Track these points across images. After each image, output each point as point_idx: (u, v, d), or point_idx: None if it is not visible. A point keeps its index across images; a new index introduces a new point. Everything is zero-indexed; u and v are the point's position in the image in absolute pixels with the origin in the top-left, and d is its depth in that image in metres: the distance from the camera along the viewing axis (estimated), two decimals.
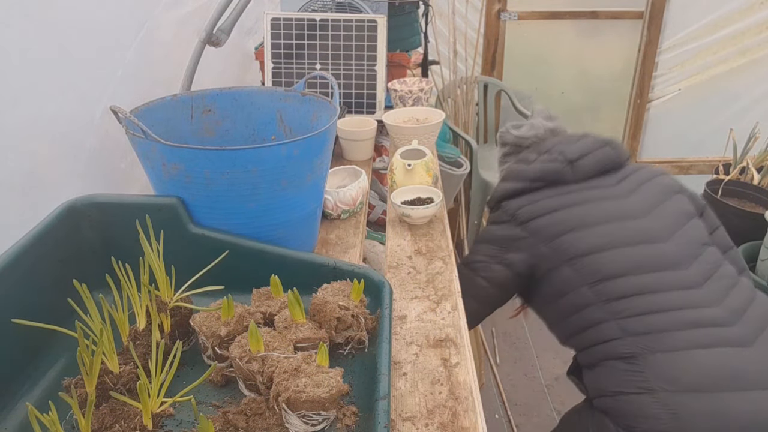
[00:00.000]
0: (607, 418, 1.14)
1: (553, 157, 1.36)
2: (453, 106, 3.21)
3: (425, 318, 0.97)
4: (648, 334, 1.10)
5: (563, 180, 1.33)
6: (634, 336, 1.11)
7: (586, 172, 1.33)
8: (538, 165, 1.37)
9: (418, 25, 2.16)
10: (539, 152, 1.41)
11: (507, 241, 1.34)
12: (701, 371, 1.04)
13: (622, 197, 1.28)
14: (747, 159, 3.04)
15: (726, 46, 3.24)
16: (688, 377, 1.04)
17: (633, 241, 1.20)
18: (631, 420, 1.08)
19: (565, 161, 1.33)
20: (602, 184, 1.32)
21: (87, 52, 1.15)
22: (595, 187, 1.31)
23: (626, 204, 1.27)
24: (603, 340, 1.16)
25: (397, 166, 1.36)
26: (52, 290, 0.83)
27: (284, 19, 1.60)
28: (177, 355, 0.72)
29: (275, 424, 0.71)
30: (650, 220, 1.23)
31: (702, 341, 1.07)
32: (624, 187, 1.31)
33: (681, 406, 1.03)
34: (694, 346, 1.07)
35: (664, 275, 1.16)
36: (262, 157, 0.87)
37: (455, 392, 0.80)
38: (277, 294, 0.89)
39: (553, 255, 1.26)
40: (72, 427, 0.70)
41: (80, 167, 1.14)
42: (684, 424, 1.02)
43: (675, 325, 1.09)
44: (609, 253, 1.20)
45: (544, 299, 1.33)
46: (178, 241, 0.91)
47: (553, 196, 1.32)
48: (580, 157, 1.34)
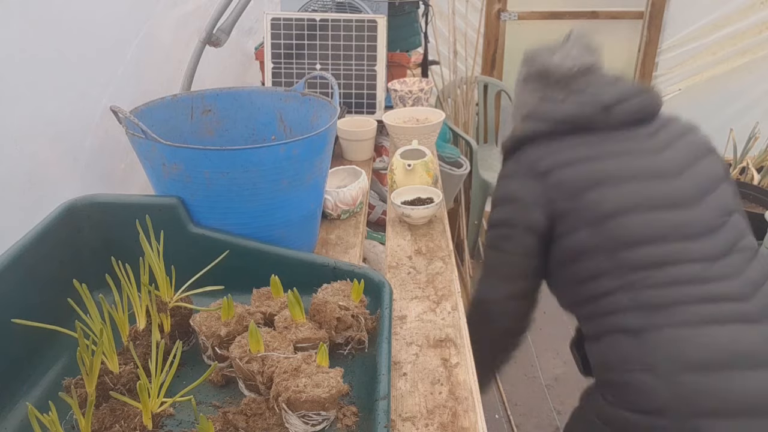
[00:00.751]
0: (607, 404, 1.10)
1: (586, 99, 1.18)
2: (453, 106, 3.22)
3: (425, 318, 0.97)
4: (660, 307, 1.04)
5: (593, 127, 1.17)
6: (646, 310, 1.05)
7: (620, 121, 1.16)
8: (569, 106, 1.19)
9: (418, 25, 2.16)
10: (570, 91, 1.22)
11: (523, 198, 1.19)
12: (709, 348, 1.00)
13: (654, 153, 1.14)
14: (747, 159, 3.05)
15: (726, 46, 3.24)
16: (694, 354, 1.00)
17: (661, 204, 1.09)
18: (631, 396, 1.05)
19: (599, 106, 1.16)
20: (634, 135, 1.17)
21: (87, 52, 1.15)
22: (626, 139, 1.16)
23: (658, 161, 1.13)
24: (612, 311, 1.09)
25: (397, 166, 1.36)
26: (52, 290, 0.83)
27: (284, 19, 1.60)
28: (177, 355, 0.72)
29: (275, 424, 0.71)
30: (681, 182, 1.12)
31: (714, 316, 1.01)
32: (656, 142, 1.16)
33: (683, 385, 0.99)
34: (705, 321, 1.01)
35: (688, 246, 1.07)
36: (262, 157, 0.87)
37: (455, 392, 0.80)
38: (277, 294, 0.89)
39: (573, 214, 1.13)
40: (72, 427, 0.70)
41: (80, 167, 1.14)
42: (685, 403, 0.99)
43: (689, 298, 1.03)
44: (634, 217, 1.09)
45: (553, 263, 1.20)
46: (178, 241, 0.90)
47: (579, 145, 1.16)
48: (617, 103, 1.16)
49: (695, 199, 1.11)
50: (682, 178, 1.12)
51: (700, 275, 1.04)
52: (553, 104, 1.22)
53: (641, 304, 1.05)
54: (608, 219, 1.09)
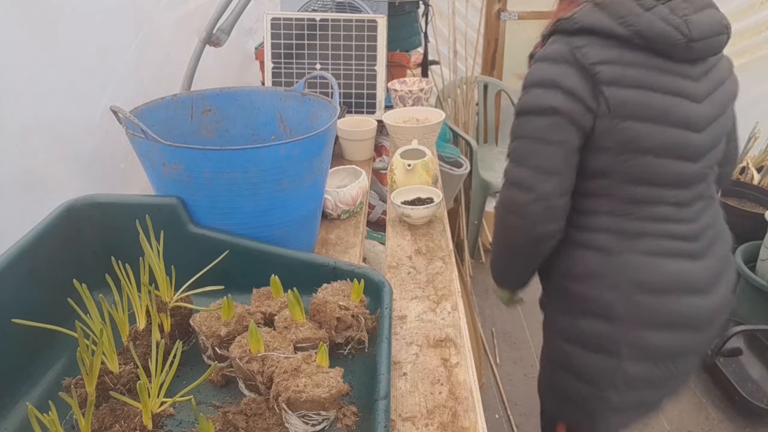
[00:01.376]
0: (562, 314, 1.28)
1: (676, 22, 1.07)
2: (453, 106, 3.22)
3: (425, 318, 0.97)
4: (632, 235, 1.17)
5: (664, 52, 1.09)
6: (621, 235, 1.17)
7: (694, 57, 1.11)
8: (656, 20, 1.07)
9: (418, 25, 2.16)
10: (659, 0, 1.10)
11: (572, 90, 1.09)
12: (662, 276, 1.17)
13: (700, 100, 1.13)
14: (747, 159, 3.04)
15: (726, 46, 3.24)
16: (650, 280, 1.17)
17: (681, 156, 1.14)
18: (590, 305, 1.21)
19: (685, 36, 1.07)
20: (692, 74, 1.12)
21: (87, 52, 1.15)
22: (686, 77, 1.12)
23: (700, 111, 1.14)
24: (592, 228, 1.19)
25: (397, 166, 1.36)
26: (52, 290, 0.83)
27: (284, 19, 1.60)
28: (177, 355, 0.72)
29: (275, 424, 0.71)
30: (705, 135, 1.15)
31: (670, 251, 1.18)
32: (704, 86, 1.14)
33: (637, 303, 1.17)
34: (663, 254, 1.17)
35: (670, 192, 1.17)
36: (262, 157, 0.87)
37: (455, 392, 0.80)
38: (277, 294, 0.89)
39: (609, 135, 1.11)
40: (72, 427, 0.70)
41: (80, 167, 1.14)
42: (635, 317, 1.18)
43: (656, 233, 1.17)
44: (656, 161, 1.12)
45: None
46: (178, 241, 0.90)
47: (648, 68, 1.09)
48: (702, 39, 1.08)
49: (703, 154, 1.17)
50: (706, 132, 1.15)
51: (670, 216, 1.17)
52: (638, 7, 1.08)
53: (619, 229, 1.17)
54: (638, 155, 1.12)
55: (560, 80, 1.09)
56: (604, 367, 1.22)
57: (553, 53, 1.12)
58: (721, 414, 2.24)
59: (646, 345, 1.19)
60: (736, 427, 2.18)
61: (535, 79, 1.13)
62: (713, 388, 2.35)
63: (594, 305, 1.21)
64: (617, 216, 1.17)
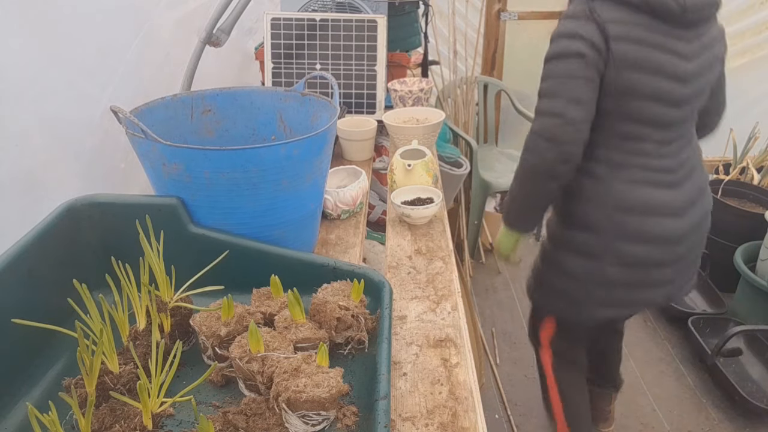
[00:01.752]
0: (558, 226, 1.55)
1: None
2: (453, 106, 3.21)
3: (425, 318, 0.97)
4: (620, 166, 1.43)
5: (663, 17, 1.32)
6: (611, 165, 1.43)
7: (686, 23, 1.34)
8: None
9: (418, 25, 2.16)
10: None
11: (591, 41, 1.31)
12: (641, 200, 1.43)
13: (689, 59, 1.37)
14: (747, 159, 3.04)
15: None
16: (631, 203, 1.43)
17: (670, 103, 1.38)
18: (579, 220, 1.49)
19: (681, 6, 1.29)
20: (685, 37, 1.36)
21: (87, 52, 1.15)
22: (678, 39, 1.35)
23: (688, 68, 1.37)
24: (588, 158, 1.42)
25: (397, 166, 1.36)
26: (52, 290, 0.83)
27: (284, 19, 1.60)
28: (177, 355, 0.72)
29: (275, 424, 0.71)
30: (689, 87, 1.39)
31: (651, 181, 1.43)
32: (694, 48, 1.37)
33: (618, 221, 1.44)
34: (644, 183, 1.43)
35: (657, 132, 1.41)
36: (262, 157, 0.88)
37: (455, 392, 0.80)
38: (277, 294, 0.89)
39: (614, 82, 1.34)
40: (72, 427, 0.70)
41: (80, 167, 1.14)
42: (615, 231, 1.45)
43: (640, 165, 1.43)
44: (647, 105, 1.37)
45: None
46: (178, 241, 0.91)
47: (649, 29, 1.32)
48: (694, 9, 1.31)
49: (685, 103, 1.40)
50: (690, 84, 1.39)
51: (651, 152, 1.42)
52: None
53: (609, 160, 1.43)
54: (635, 99, 1.37)
55: (582, 32, 1.32)
56: (590, 268, 1.51)
57: (575, 12, 1.36)
58: (721, 414, 2.23)
59: (625, 254, 1.46)
60: (736, 427, 2.18)
61: (562, 31, 1.36)
62: (713, 388, 2.35)
63: (583, 220, 1.49)
64: (609, 149, 1.43)
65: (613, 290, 1.52)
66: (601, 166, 1.44)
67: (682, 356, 2.53)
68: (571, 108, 1.34)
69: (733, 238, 2.75)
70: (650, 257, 1.47)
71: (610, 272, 1.49)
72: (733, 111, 3.44)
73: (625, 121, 1.39)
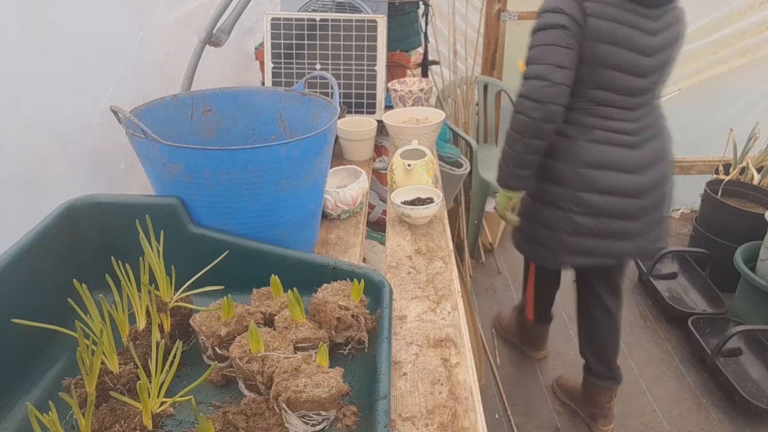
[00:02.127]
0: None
1: None
2: (453, 106, 3.21)
3: (425, 318, 0.97)
4: (587, 128, 1.66)
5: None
6: (579, 126, 1.67)
7: (651, 3, 1.55)
8: None
9: (418, 25, 2.16)
10: None
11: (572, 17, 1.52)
12: (602, 157, 1.67)
13: (653, 35, 1.58)
14: (747, 159, 3.04)
15: (726, 46, 3.24)
16: (593, 159, 1.67)
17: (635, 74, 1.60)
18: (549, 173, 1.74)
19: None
20: (650, 15, 1.57)
21: (87, 53, 1.15)
22: (645, 17, 1.56)
23: (652, 42, 1.58)
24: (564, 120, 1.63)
25: (397, 166, 1.36)
26: (52, 290, 0.83)
27: (284, 19, 1.60)
28: (177, 355, 0.72)
29: (275, 424, 0.71)
30: (653, 60, 1.61)
31: (613, 141, 1.66)
32: (658, 26, 1.59)
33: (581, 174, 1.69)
34: (607, 142, 1.66)
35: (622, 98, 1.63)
36: (262, 157, 0.87)
37: (455, 392, 0.80)
38: (277, 294, 0.89)
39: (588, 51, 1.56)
40: (72, 427, 0.70)
41: (80, 167, 1.14)
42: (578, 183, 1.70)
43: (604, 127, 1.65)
44: (617, 74, 1.58)
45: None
46: (178, 241, 0.90)
47: (621, 7, 1.54)
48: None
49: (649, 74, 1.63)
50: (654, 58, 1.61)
51: (615, 116, 1.65)
52: None
53: (579, 122, 1.67)
54: (604, 68, 1.58)
55: (564, 8, 1.53)
56: (560, 217, 1.76)
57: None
58: (721, 414, 2.23)
59: (588, 204, 1.71)
60: (736, 427, 2.18)
61: (548, 6, 1.57)
62: (713, 388, 2.35)
63: (554, 175, 1.74)
64: (580, 112, 1.65)
65: (583, 239, 1.76)
66: (571, 127, 1.67)
67: (682, 356, 2.53)
68: (555, 72, 1.54)
69: (733, 238, 2.75)
70: (613, 208, 1.71)
71: (578, 221, 1.74)
72: (733, 111, 3.47)
73: (595, 88, 1.61)
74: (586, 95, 1.62)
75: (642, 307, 2.86)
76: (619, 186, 1.68)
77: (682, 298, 2.84)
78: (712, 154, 3.46)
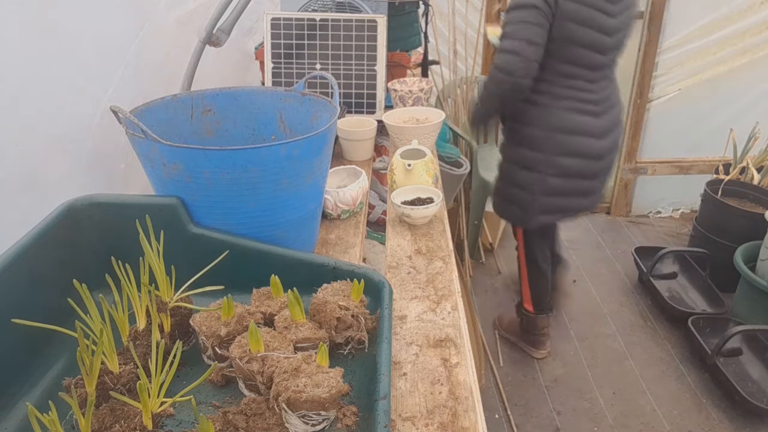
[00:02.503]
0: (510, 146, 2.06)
1: None
2: (453, 106, 3.21)
3: (425, 318, 0.97)
4: (557, 97, 1.89)
5: None
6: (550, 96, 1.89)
7: None
8: None
9: (418, 25, 2.16)
10: None
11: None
12: (572, 124, 1.90)
13: (613, 16, 1.80)
14: (747, 159, 3.04)
15: (726, 46, 3.24)
16: (564, 125, 1.90)
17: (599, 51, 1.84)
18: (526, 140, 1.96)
19: None
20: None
21: (87, 53, 1.15)
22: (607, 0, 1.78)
23: (612, 23, 1.81)
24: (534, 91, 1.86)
25: (397, 166, 1.36)
26: (52, 290, 0.83)
27: (284, 19, 1.60)
28: (177, 355, 0.72)
29: (275, 424, 0.71)
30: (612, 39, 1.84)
31: (579, 110, 1.89)
32: (618, 8, 1.81)
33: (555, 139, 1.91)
34: (574, 110, 1.89)
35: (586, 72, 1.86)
36: (262, 157, 0.87)
37: (455, 392, 0.80)
38: (277, 294, 0.89)
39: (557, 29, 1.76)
40: (72, 427, 0.70)
41: (80, 167, 1.14)
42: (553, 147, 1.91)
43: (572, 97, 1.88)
44: (582, 50, 1.82)
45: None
46: (178, 241, 0.90)
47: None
48: None
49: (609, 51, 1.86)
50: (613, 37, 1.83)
51: (582, 88, 1.88)
52: None
53: (551, 93, 1.89)
54: (571, 45, 1.80)
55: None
56: (536, 179, 1.97)
57: None
58: (721, 414, 2.23)
59: (562, 166, 1.93)
60: (736, 427, 2.18)
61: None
62: (713, 388, 2.35)
63: (529, 141, 1.95)
64: (551, 84, 1.88)
65: (554, 198, 1.99)
66: (544, 97, 1.89)
67: (682, 356, 2.53)
68: (526, 47, 1.73)
69: (733, 238, 2.75)
70: (581, 170, 1.96)
71: (551, 182, 1.95)
72: (733, 111, 3.47)
73: (564, 63, 1.84)
74: (556, 69, 1.84)
75: (642, 307, 2.86)
76: (585, 149, 1.92)
77: (682, 298, 2.83)
78: (712, 154, 3.46)
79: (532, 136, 1.93)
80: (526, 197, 2.01)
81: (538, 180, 1.96)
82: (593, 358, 2.53)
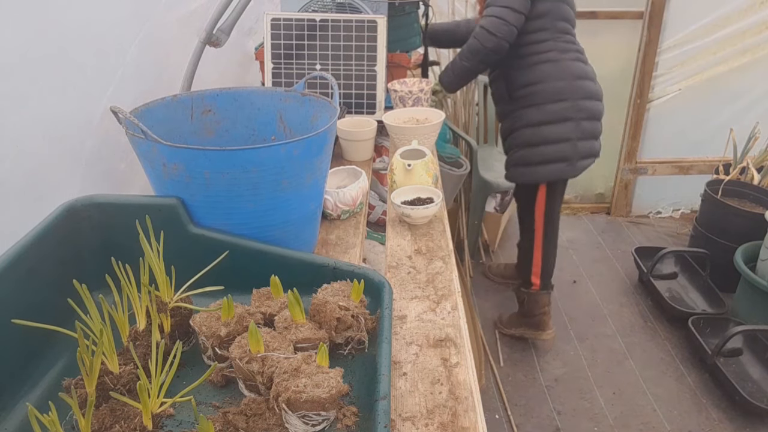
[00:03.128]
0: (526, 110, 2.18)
1: None
2: (453, 106, 3.21)
3: (425, 318, 0.97)
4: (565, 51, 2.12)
5: None
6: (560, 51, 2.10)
7: None
8: None
9: (418, 26, 2.16)
10: None
11: None
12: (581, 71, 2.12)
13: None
14: (747, 159, 3.04)
15: (726, 46, 3.24)
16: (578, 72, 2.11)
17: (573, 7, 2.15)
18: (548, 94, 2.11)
19: None
20: None
21: (87, 53, 1.15)
22: None
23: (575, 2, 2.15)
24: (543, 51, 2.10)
25: (397, 166, 1.36)
26: (52, 290, 0.83)
27: (284, 19, 1.60)
28: (177, 356, 0.72)
29: (275, 425, 0.71)
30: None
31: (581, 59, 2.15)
32: None
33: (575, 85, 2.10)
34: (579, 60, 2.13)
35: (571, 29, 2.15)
36: (262, 157, 0.87)
37: (455, 392, 0.80)
38: (277, 294, 0.89)
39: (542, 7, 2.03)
40: (72, 427, 0.70)
41: (80, 167, 1.14)
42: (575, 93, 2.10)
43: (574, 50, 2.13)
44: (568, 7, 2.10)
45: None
46: (178, 242, 0.90)
47: None
48: None
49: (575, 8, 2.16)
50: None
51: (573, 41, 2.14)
52: None
53: (557, 47, 2.10)
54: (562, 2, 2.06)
55: None
56: (570, 128, 2.11)
57: None
58: (721, 414, 2.24)
59: (586, 108, 2.12)
60: (736, 427, 2.18)
61: None
62: (713, 388, 2.35)
63: (550, 93, 2.10)
64: (555, 41, 2.09)
65: (587, 142, 2.16)
66: (552, 53, 2.09)
67: (682, 356, 2.53)
68: (510, 14, 1.94)
69: (733, 238, 2.75)
70: (596, 111, 2.16)
71: (584, 125, 2.12)
72: (733, 111, 3.47)
73: (560, 20, 2.08)
74: (556, 26, 2.08)
75: (642, 307, 2.86)
76: (594, 92, 2.14)
77: (682, 298, 2.84)
78: (712, 154, 3.46)
79: (555, 88, 2.08)
80: (566, 148, 2.13)
81: (573, 127, 2.10)
82: (593, 358, 2.53)
